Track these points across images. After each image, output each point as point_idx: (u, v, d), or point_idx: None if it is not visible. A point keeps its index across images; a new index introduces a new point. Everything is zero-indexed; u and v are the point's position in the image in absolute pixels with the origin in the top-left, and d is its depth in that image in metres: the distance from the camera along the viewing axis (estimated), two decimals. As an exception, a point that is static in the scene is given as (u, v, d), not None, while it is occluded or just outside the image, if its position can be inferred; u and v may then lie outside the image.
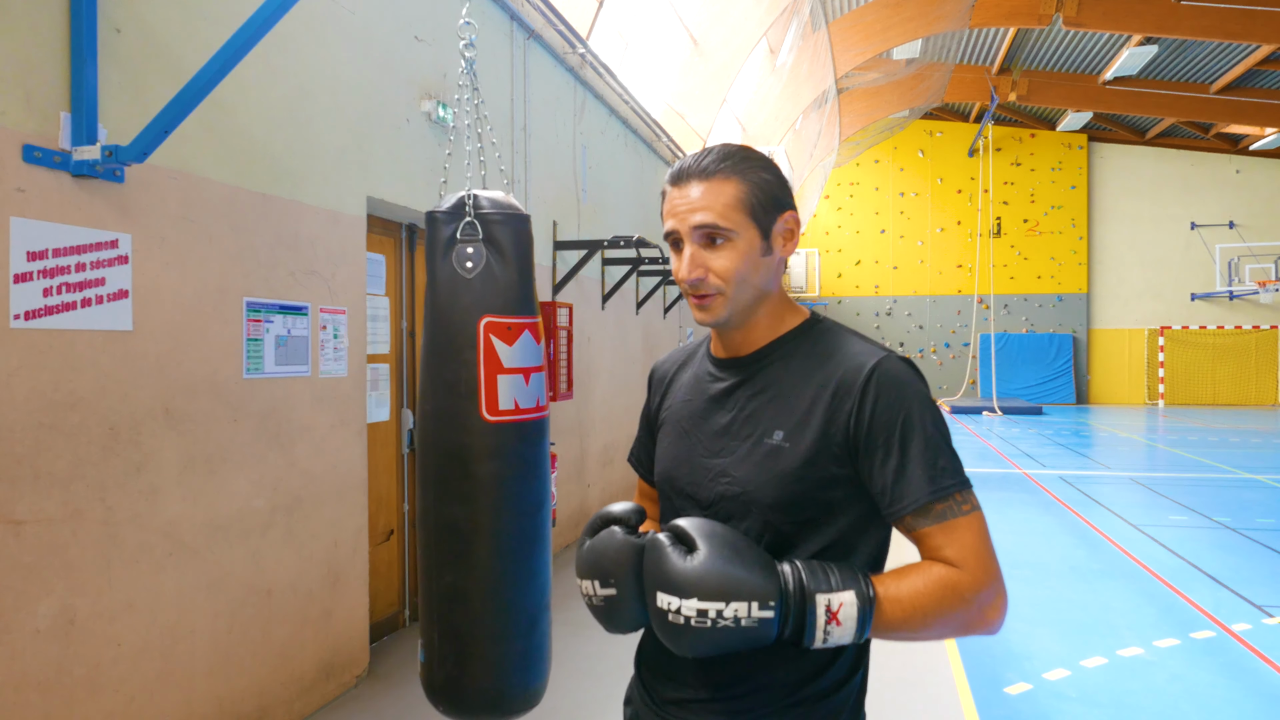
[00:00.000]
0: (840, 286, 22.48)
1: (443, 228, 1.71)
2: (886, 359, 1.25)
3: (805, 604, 1.14)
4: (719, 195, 1.27)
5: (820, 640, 1.15)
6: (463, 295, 1.67)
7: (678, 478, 1.37)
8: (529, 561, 1.72)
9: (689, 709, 1.32)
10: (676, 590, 1.16)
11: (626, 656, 4.27)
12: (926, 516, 1.20)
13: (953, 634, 1.21)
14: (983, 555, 1.20)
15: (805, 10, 10.31)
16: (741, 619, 1.13)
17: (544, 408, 1.74)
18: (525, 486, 1.72)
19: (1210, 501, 8.34)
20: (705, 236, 1.28)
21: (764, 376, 1.33)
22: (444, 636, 1.69)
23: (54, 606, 2.46)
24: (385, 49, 4.14)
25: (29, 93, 2.41)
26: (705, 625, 1.14)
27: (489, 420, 1.66)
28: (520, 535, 1.70)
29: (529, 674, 1.72)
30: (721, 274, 1.28)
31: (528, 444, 1.71)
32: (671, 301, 10.13)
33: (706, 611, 1.14)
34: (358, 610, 3.89)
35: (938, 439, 1.22)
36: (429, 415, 1.71)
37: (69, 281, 2.51)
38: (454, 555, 1.69)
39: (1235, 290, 20.16)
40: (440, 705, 1.71)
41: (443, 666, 1.70)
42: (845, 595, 1.15)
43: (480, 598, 1.68)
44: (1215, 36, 13.54)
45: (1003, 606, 1.22)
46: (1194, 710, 3.65)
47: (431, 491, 1.72)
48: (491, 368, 1.66)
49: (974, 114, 21.32)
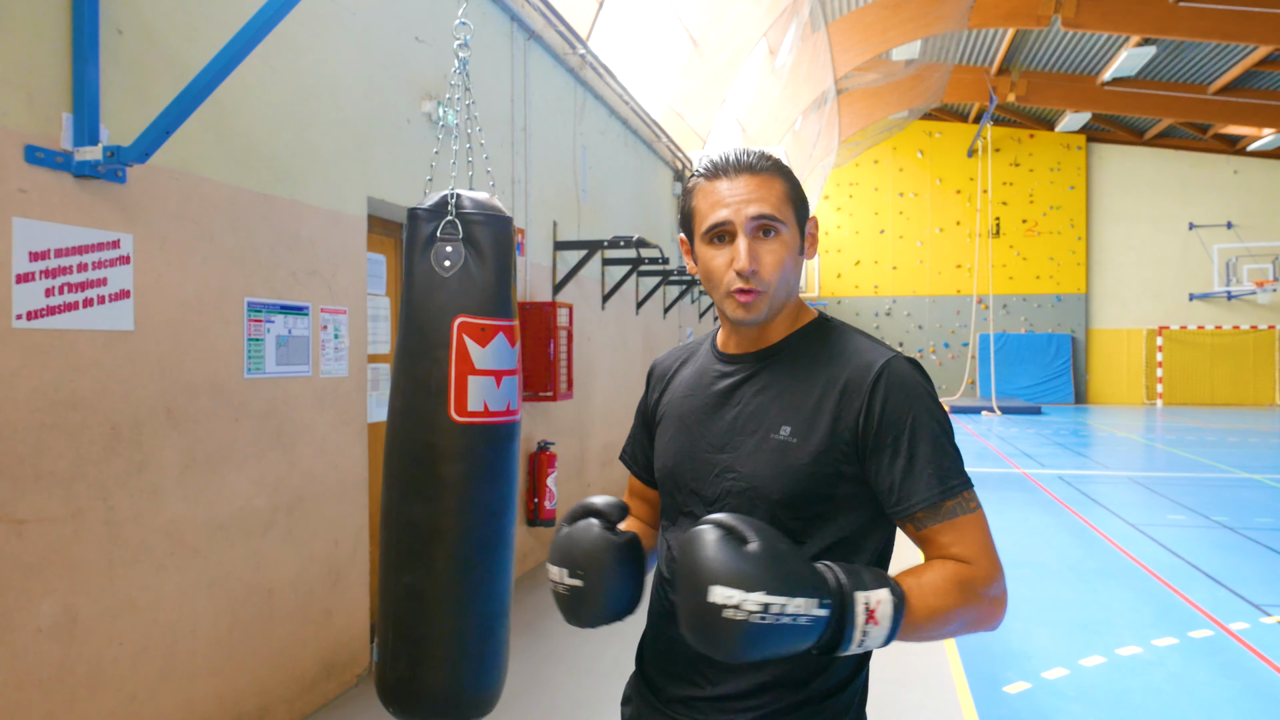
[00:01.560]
0: (840, 286, 22.49)
1: (423, 225, 1.70)
2: (895, 359, 1.26)
3: (845, 602, 1.11)
4: (771, 189, 1.28)
5: (857, 642, 1.11)
6: (438, 293, 1.66)
7: (681, 473, 1.36)
8: (489, 566, 1.69)
9: (696, 707, 1.31)
10: (740, 583, 1.06)
11: (625, 655, 4.27)
12: (936, 515, 1.21)
13: (966, 629, 1.22)
14: (990, 551, 1.22)
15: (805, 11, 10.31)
16: (801, 616, 1.07)
17: (514, 412, 1.72)
18: (490, 490, 1.69)
19: (1208, 501, 8.35)
20: (759, 229, 1.27)
21: (770, 373, 1.33)
22: (398, 637, 1.67)
23: (56, 605, 2.47)
24: (386, 50, 4.15)
25: (31, 93, 2.41)
26: (767, 622, 1.06)
27: (457, 420, 1.64)
28: (482, 539, 1.68)
29: (483, 679, 1.69)
30: (771, 268, 1.27)
31: (495, 447, 1.69)
32: (671, 301, 10.13)
33: (770, 606, 1.06)
34: (358, 609, 3.90)
35: (944, 439, 1.24)
36: (397, 412, 1.70)
37: (71, 282, 2.51)
38: (413, 555, 1.66)
39: (1233, 290, 20.18)
40: (390, 706, 1.69)
41: (395, 667, 1.67)
42: (881, 593, 1.12)
43: (437, 599, 1.65)
44: (1213, 37, 13.56)
45: (1005, 602, 1.24)
46: (1192, 709, 3.66)
47: (395, 490, 1.70)
48: (463, 368, 1.64)
49: (973, 115, 21.33)
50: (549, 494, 5.63)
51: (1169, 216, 21.09)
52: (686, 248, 1.39)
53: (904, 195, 22.35)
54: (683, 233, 1.39)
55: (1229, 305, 20.68)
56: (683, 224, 1.38)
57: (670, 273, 8.66)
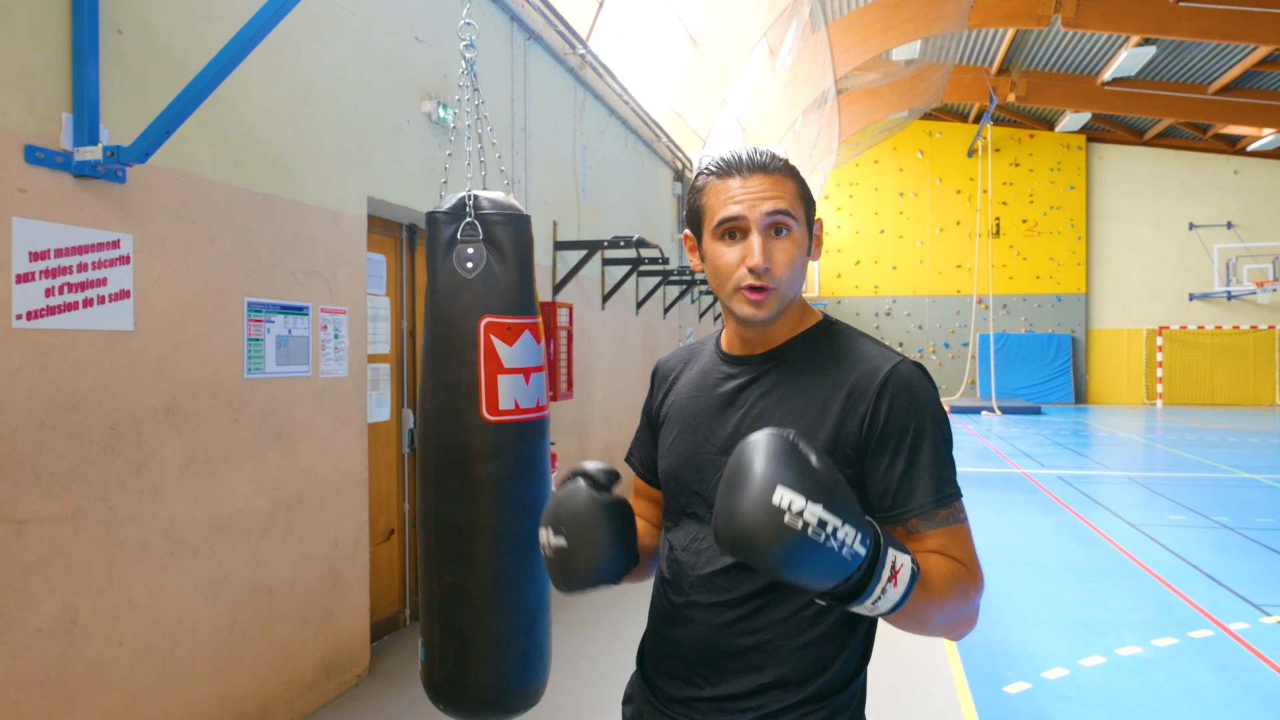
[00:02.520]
0: (840, 286, 22.49)
1: (443, 228, 1.71)
2: (902, 364, 1.26)
3: (880, 551, 1.08)
4: (784, 187, 1.28)
5: (876, 596, 1.08)
6: (463, 295, 1.67)
7: (685, 474, 1.36)
8: (529, 561, 1.72)
9: (695, 708, 1.31)
10: (806, 490, 1.03)
11: (626, 655, 4.28)
12: (931, 520, 1.22)
13: (946, 627, 1.21)
14: (976, 562, 1.24)
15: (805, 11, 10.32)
16: (846, 544, 1.04)
17: (544, 407, 1.74)
18: (525, 486, 1.71)
19: (1208, 501, 8.35)
20: (773, 226, 1.27)
21: (776, 375, 1.32)
22: (444, 635, 1.69)
23: (56, 606, 2.47)
24: (386, 50, 4.15)
25: (31, 94, 2.41)
26: (818, 539, 1.02)
27: (489, 420, 1.66)
28: (520, 535, 1.70)
29: (529, 673, 1.72)
30: (783, 266, 1.27)
31: (527, 444, 1.71)
32: (671, 301, 10.13)
33: (826, 523, 1.02)
34: (358, 610, 3.90)
35: (945, 448, 1.25)
36: (429, 415, 1.71)
37: (71, 282, 2.51)
38: (454, 555, 1.69)
39: (1233, 290, 20.18)
40: (441, 704, 1.71)
41: (443, 665, 1.70)
42: (905, 558, 1.11)
43: (480, 597, 1.68)
44: (1213, 37, 13.56)
45: (978, 615, 1.26)
46: (1192, 709, 3.66)
47: (432, 491, 1.72)
48: (492, 368, 1.66)
49: (973, 114, 21.34)
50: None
51: (1169, 216, 21.09)
52: (692, 245, 1.37)
53: (904, 195, 22.36)
54: (689, 230, 1.38)
55: (1229, 305, 20.68)
56: (689, 221, 1.37)
57: (670, 273, 8.66)
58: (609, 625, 4.57)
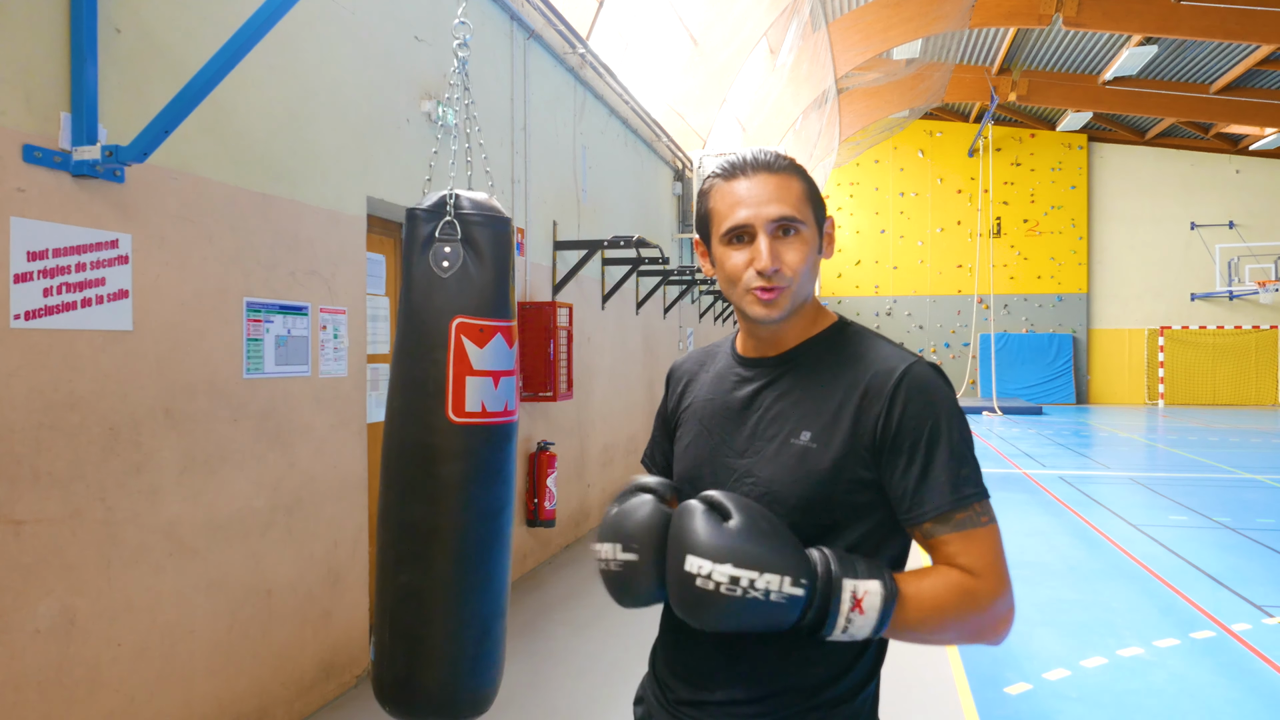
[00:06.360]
0: (840, 286, 22.49)
1: (422, 225, 1.69)
2: (917, 364, 1.25)
3: (832, 588, 1.13)
4: (790, 189, 1.28)
5: (841, 628, 1.13)
6: (437, 294, 1.65)
7: (700, 477, 1.35)
8: (486, 565, 1.69)
9: (706, 710, 1.30)
10: (710, 554, 1.12)
11: (626, 656, 4.28)
12: (946, 524, 1.20)
13: (963, 639, 1.21)
14: (998, 567, 1.20)
15: (805, 10, 10.31)
16: (772, 592, 1.10)
17: (512, 413, 1.71)
18: (487, 490, 1.68)
19: (1210, 501, 8.34)
20: (780, 228, 1.27)
21: (791, 377, 1.32)
22: (395, 636, 1.67)
23: (54, 606, 2.46)
24: (385, 49, 4.14)
25: (29, 93, 2.40)
26: (735, 594, 1.11)
27: (455, 421, 1.63)
28: (480, 539, 1.67)
29: (479, 678, 1.69)
30: (792, 267, 1.26)
31: (493, 448, 1.68)
32: (671, 301, 10.12)
33: (739, 579, 1.10)
34: (358, 610, 3.89)
35: (962, 448, 1.22)
36: (395, 412, 1.70)
37: (69, 281, 2.51)
38: (411, 555, 1.66)
39: (1235, 290, 20.17)
40: (387, 705, 1.69)
41: (392, 666, 1.67)
42: (870, 584, 1.13)
43: (435, 599, 1.65)
44: (1215, 36, 13.54)
45: (1011, 619, 1.22)
46: (1194, 710, 3.65)
47: (394, 490, 1.70)
48: (461, 368, 1.64)
49: (974, 114, 21.32)
50: (549, 494, 5.62)
51: (1170, 216, 21.08)
52: (703, 250, 1.37)
53: (905, 195, 22.35)
54: (698, 235, 1.37)
55: (1231, 305, 20.66)
56: (698, 226, 1.36)
57: (670, 273, 8.65)
58: (609, 625, 4.56)
